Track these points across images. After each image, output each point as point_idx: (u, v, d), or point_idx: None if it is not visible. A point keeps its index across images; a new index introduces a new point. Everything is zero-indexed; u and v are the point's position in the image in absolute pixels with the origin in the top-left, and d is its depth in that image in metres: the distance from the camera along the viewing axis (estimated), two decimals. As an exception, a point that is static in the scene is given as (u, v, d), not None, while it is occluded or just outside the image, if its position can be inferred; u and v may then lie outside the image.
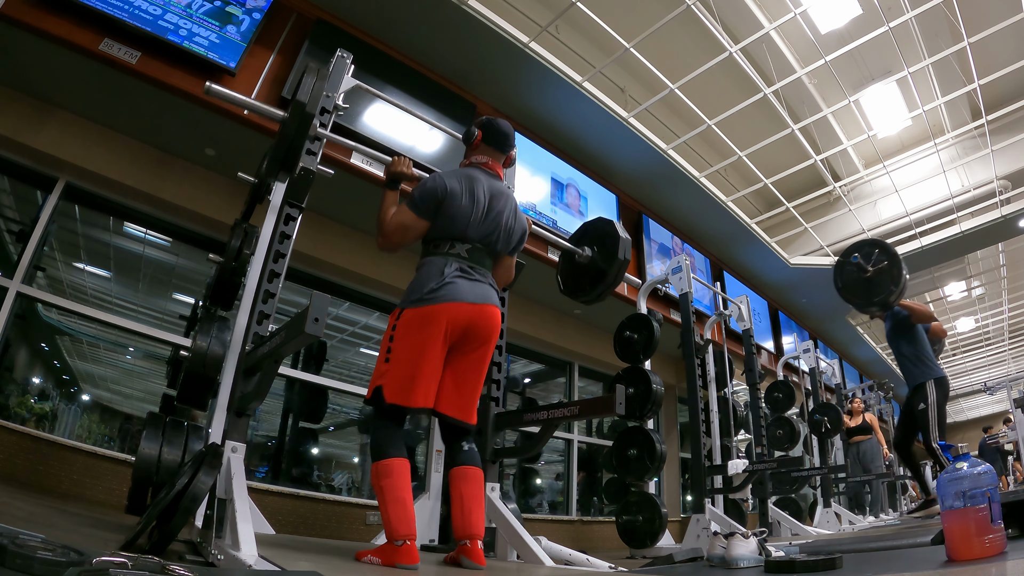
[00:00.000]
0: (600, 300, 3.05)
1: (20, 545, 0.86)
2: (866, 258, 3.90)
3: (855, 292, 3.98)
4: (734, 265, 8.36)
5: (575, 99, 5.31)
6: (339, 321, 6.21)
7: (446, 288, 1.86)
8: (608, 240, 2.92)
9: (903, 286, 3.77)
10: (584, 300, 3.09)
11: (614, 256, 2.85)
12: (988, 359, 15.22)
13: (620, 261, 2.83)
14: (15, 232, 4.15)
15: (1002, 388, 7.82)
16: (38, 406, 4.20)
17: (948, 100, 6.41)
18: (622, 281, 3.00)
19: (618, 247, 2.84)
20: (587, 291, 3.01)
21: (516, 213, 2.11)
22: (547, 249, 5.41)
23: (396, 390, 1.80)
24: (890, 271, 3.80)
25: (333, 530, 4.53)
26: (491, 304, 1.95)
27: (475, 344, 1.94)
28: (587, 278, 3.01)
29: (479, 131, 2.13)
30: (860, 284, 3.93)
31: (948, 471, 1.48)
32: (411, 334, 1.84)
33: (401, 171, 2.10)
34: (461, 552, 1.82)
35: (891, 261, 3.82)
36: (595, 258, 2.94)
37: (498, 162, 2.15)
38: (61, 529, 2.00)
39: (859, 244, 4.03)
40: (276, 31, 4.09)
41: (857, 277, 3.94)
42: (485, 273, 1.99)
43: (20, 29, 3.24)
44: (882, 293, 3.82)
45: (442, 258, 1.93)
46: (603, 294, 2.97)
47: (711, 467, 4.88)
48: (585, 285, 3.02)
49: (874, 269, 3.85)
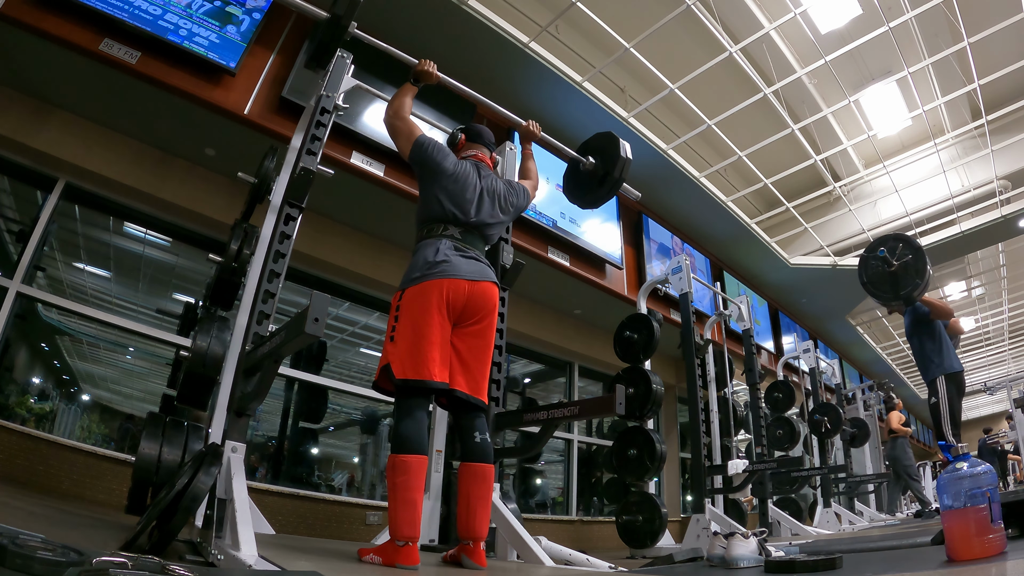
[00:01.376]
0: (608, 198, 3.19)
1: (20, 545, 0.86)
2: (891, 252, 3.90)
3: (880, 286, 3.99)
4: (734, 265, 8.36)
5: (575, 99, 5.31)
6: (339, 321, 6.21)
7: (443, 265, 1.91)
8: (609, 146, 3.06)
9: (927, 280, 3.80)
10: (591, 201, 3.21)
11: (616, 156, 2.99)
12: (988, 359, 15.22)
13: (623, 159, 2.97)
14: (15, 232, 4.14)
15: (1002, 388, 7.82)
16: (38, 406, 4.19)
17: (948, 100, 6.41)
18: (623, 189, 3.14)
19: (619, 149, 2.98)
20: (595, 191, 3.14)
21: (511, 188, 2.24)
22: (547, 249, 5.42)
23: (405, 365, 1.80)
24: (915, 265, 3.82)
25: (333, 530, 4.53)
26: (488, 280, 2.00)
27: (476, 318, 1.96)
28: (593, 182, 3.15)
29: (462, 134, 2.34)
30: (885, 278, 3.93)
31: (948, 471, 1.48)
32: (414, 310, 1.86)
33: (426, 70, 2.39)
34: (463, 551, 1.82)
35: (915, 255, 3.83)
36: (598, 164, 3.09)
37: (485, 155, 2.29)
38: (61, 529, 2.00)
39: (883, 238, 4.04)
40: (276, 31, 4.09)
41: (882, 271, 3.94)
42: (479, 254, 2.05)
43: (20, 29, 3.24)
44: (907, 287, 3.84)
45: (436, 239, 1.99)
46: (609, 192, 3.11)
47: (711, 467, 4.88)
48: (593, 186, 3.15)
49: (899, 263, 3.86)
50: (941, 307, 4.03)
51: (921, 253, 3.83)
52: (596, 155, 3.14)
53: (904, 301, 4.00)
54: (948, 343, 4.04)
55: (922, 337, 4.09)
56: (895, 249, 3.90)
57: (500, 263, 2.84)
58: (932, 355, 4.00)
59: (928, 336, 4.06)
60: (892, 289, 3.92)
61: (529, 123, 2.68)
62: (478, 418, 1.95)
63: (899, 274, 3.86)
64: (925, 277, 3.78)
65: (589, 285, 5.89)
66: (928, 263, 3.82)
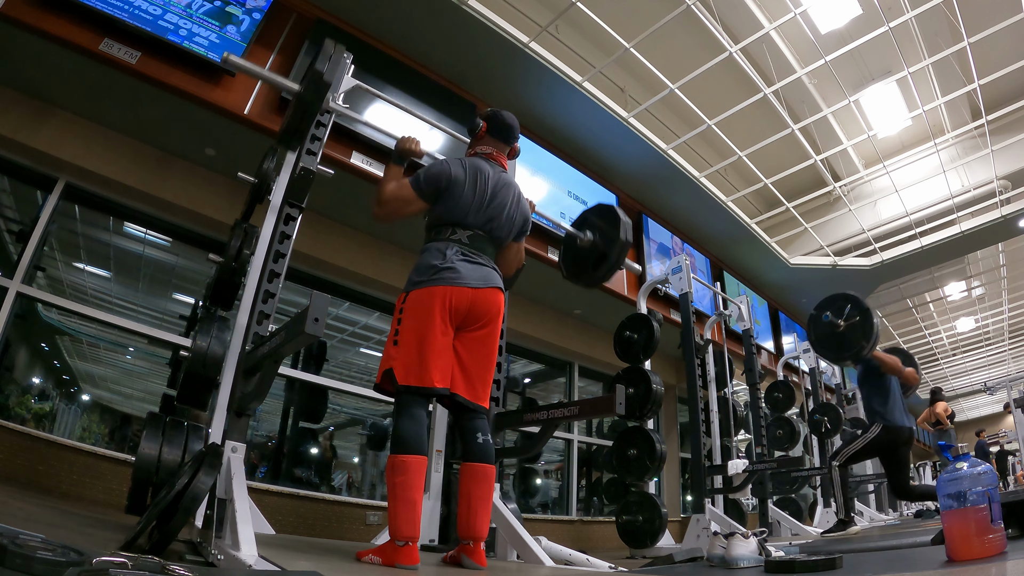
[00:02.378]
0: (604, 281, 3.10)
1: (20, 545, 0.86)
2: (837, 312, 3.96)
3: (828, 347, 4.05)
4: (734, 265, 8.36)
5: (575, 99, 5.31)
6: (339, 321, 6.21)
7: (449, 270, 1.88)
8: (609, 223, 2.96)
9: (875, 339, 3.83)
10: (586, 282, 3.14)
11: (616, 239, 2.90)
12: (988, 359, 15.22)
13: (622, 242, 2.87)
14: (15, 232, 4.14)
15: (1002, 388, 7.82)
16: (38, 406, 4.20)
17: (948, 100, 6.40)
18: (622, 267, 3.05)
19: (619, 229, 2.87)
20: (590, 273, 3.06)
21: (519, 201, 2.14)
22: (547, 249, 5.41)
23: (408, 371, 1.79)
24: (862, 325, 3.86)
25: (333, 530, 4.53)
26: (493, 287, 1.96)
27: (480, 323, 1.93)
28: (589, 261, 3.06)
29: (484, 123, 2.16)
30: (833, 338, 3.99)
31: (948, 471, 1.48)
32: (418, 314, 1.84)
33: (410, 148, 2.14)
34: (463, 552, 1.82)
35: (863, 316, 3.87)
36: (596, 241, 2.99)
37: (503, 153, 2.17)
38: (61, 529, 2.00)
39: (831, 299, 4.07)
40: (276, 31, 4.09)
41: (830, 331, 3.99)
42: (487, 259, 2.00)
43: (20, 29, 3.24)
44: (854, 348, 3.88)
45: (444, 243, 1.95)
46: (606, 275, 3.02)
47: (711, 467, 4.88)
48: (588, 267, 3.07)
49: (846, 324, 3.92)
50: (890, 363, 3.97)
51: (868, 313, 3.86)
52: (595, 231, 3.02)
53: (852, 360, 4.02)
54: (898, 398, 3.96)
55: (870, 389, 4.03)
56: (843, 309, 3.94)
57: (500, 263, 2.83)
58: (877, 407, 3.95)
59: (876, 390, 3.99)
60: (839, 350, 3.97)
61: None
62: (480, 419, 1.94)
63: (846, 335, 3.91)
64: (872, 338, 3.80)
65: (589, 285, 5.88)
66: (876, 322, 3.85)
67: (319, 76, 2.28)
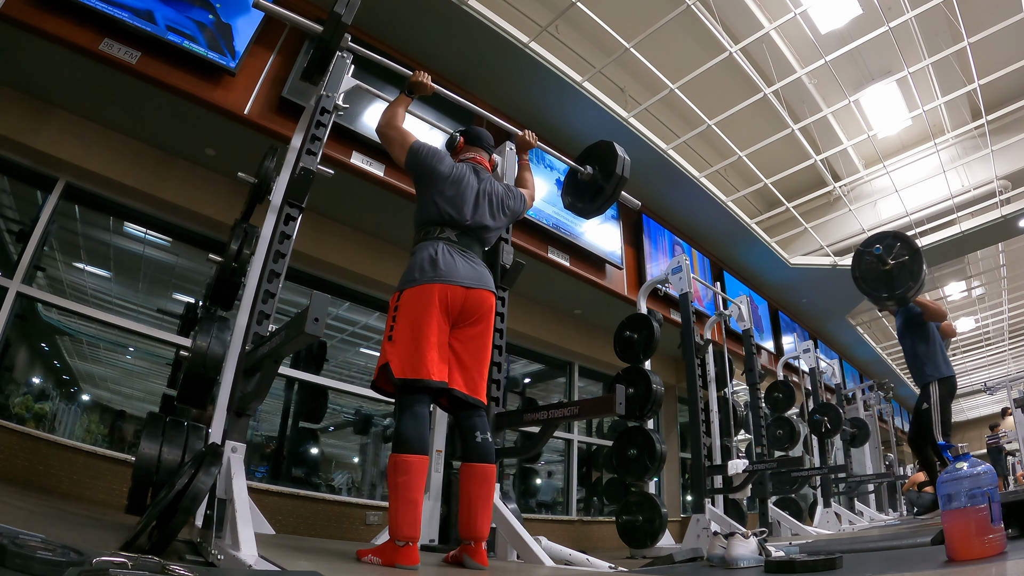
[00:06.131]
0: (598, 213, 3.28)
1: (20, 545, 0.86)
2: (887, 250, 3.78)
3: (872, 284, 3.87)
4: (734, 265, 8.36)
5: (575, 99, 5.31)
6: (339, 321, 6.20)
7: (442, 268, 1.92)
8: (608, 157, 3.08)
9: (922, 282, 3.70)
10: (583, 212, 3.28)
11: (612, 172, 3.03)
12: (988, 359, 15.22)
13: (618, 176, 3.00)
14: (15, 232, 4.14)
15: (1002, 388, 7.81)
16: (38, 406, 4.19)
17: (948, 100, 6.41)
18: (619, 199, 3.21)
19: (616, 163, 3.00)
20: (587, 203, 3.20)
21: (508, 191, 2.24)
22: (547, 249, 5.42)
23: (404, 364, 1.81)
24: (911, 266, 3.71)
25: (333, 530, 4.53)
26: (485, 288, 2.00)
27: (473, 319, 1.97)
28: (588, 193, 3.19)
29: (461, 136, 2.34)
30: (879, 276, 3.83)
31: (948, 471, 1.48)
32: (412, 311, 1.87)
33: (420, 81, 2.38)
34: (464, 552, 1.82)
35: (912, 256, 3.72)
36: (596, 175, 3.11)
37: (484, 158, 2.30)
38: (61, 529, 2.00)
39: (881, 235, 3.90)
40: (276, 31, 4.09)
41: (876, 268, 3.83)
42: (476, 257, 2.06)
43: (20, 29, 3.24)
44: (900, 288, 3.73)
45: (433, 242, 2.00)
46: (601, 207, 3.17)
47: (711, 467, 4.88)
48: (586, 198, 3.20)
49: (894, 262, 3.75)
50: (935, 309, 3.92)
51: (918, 255, 3.73)
52: (595, 164, 3.15)
53: (897, 302, 3.89)
54: (941, 346, 3.93)
55: (914, 339, 3.96)
56: (892, 247, 3.80)
57: (500, 263, 2.84)
58: (925, 358, 3.88)
59: (920, 338, 3.93)
60: (886, 288, 3.82)
61: (525, 132, 2.65)
62: (479, 418, 1.95)
63: (894, 273, 3.77)
64: (920, 279, 3.68)
65: (589, 285, 5.89)
66: (925, 265, 3.72)
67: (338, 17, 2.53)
